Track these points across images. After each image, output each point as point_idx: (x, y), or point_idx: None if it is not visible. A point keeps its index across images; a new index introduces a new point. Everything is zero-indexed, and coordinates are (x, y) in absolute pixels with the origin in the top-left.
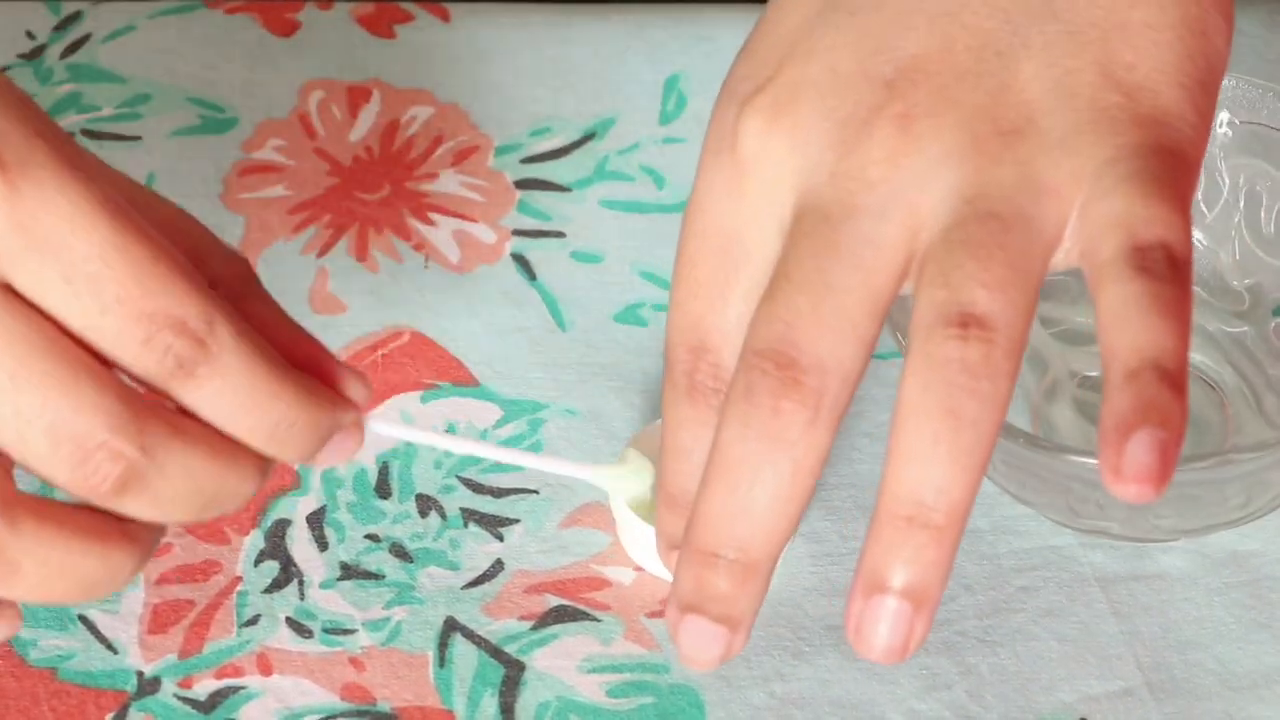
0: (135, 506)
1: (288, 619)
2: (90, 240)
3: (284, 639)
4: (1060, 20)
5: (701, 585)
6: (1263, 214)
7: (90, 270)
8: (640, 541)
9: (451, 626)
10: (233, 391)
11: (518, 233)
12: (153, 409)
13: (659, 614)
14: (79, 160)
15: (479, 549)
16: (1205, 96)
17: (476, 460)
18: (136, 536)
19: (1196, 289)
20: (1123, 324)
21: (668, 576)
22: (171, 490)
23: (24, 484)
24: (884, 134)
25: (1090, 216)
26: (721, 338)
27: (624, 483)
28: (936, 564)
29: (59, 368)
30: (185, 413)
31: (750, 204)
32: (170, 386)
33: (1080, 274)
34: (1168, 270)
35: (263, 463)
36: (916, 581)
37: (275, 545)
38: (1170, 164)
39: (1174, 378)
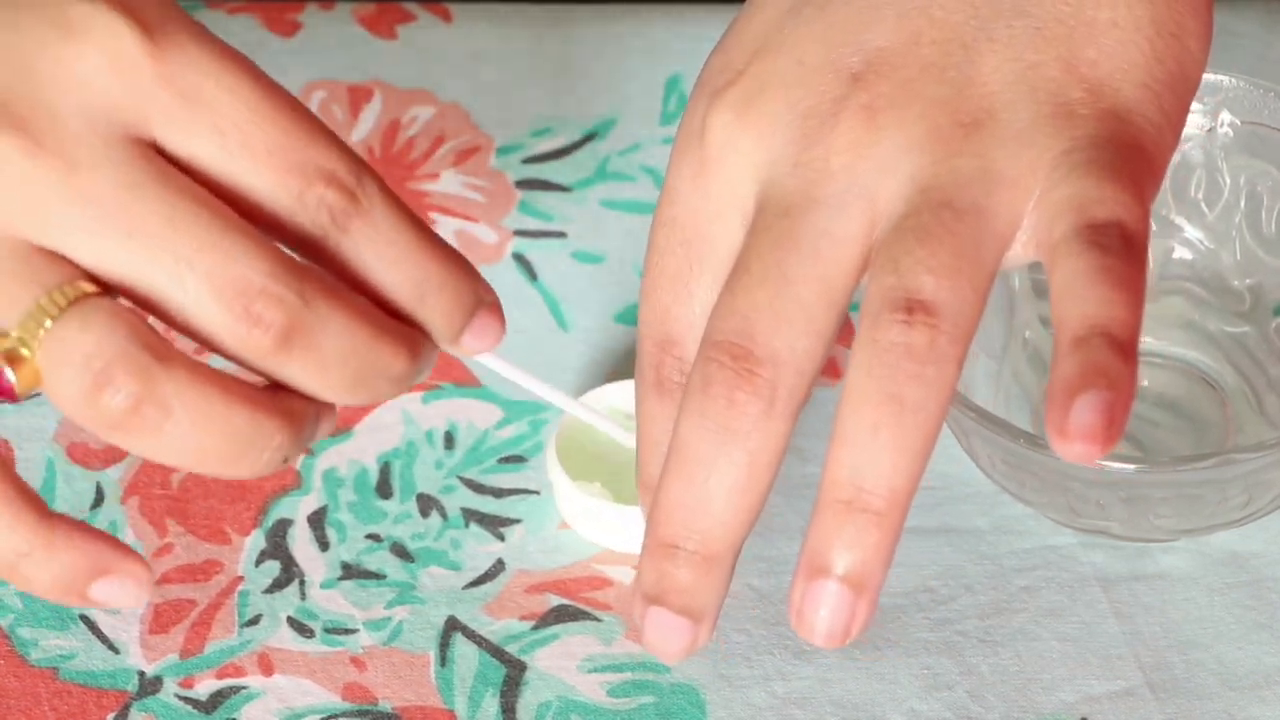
0: (296, 367)
1: (289, 619)
2: (238, 94)
3: (285, 639)
4: (1027, 16)
5: (663, 577)
6: (1263, 214)
7: (241, 122)
8: (569, 498)
9: (453, 626)
10: (385, 246)
11: (519, 233)
12: (308, 267)
13: None
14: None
15: (480, 549)
16: (1173, 98)
17: (479, 460)
18: (290, 410)
19: (1196, 288)
20: (1072, 296)
21: (594, 537)
22: (332, 349)
23: None
24: (847, 125)
25: (1045, 204)
26: (687, 330)
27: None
28: (877, 549)
29: (214, 215)
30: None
31: (715, 196)
32: (325, 241)
33: None
34: (1120, 245)
35: (413, 341)
36: (857, 566)
37: (276, 545)
38: (1128, 155)
39: (1123, 344)
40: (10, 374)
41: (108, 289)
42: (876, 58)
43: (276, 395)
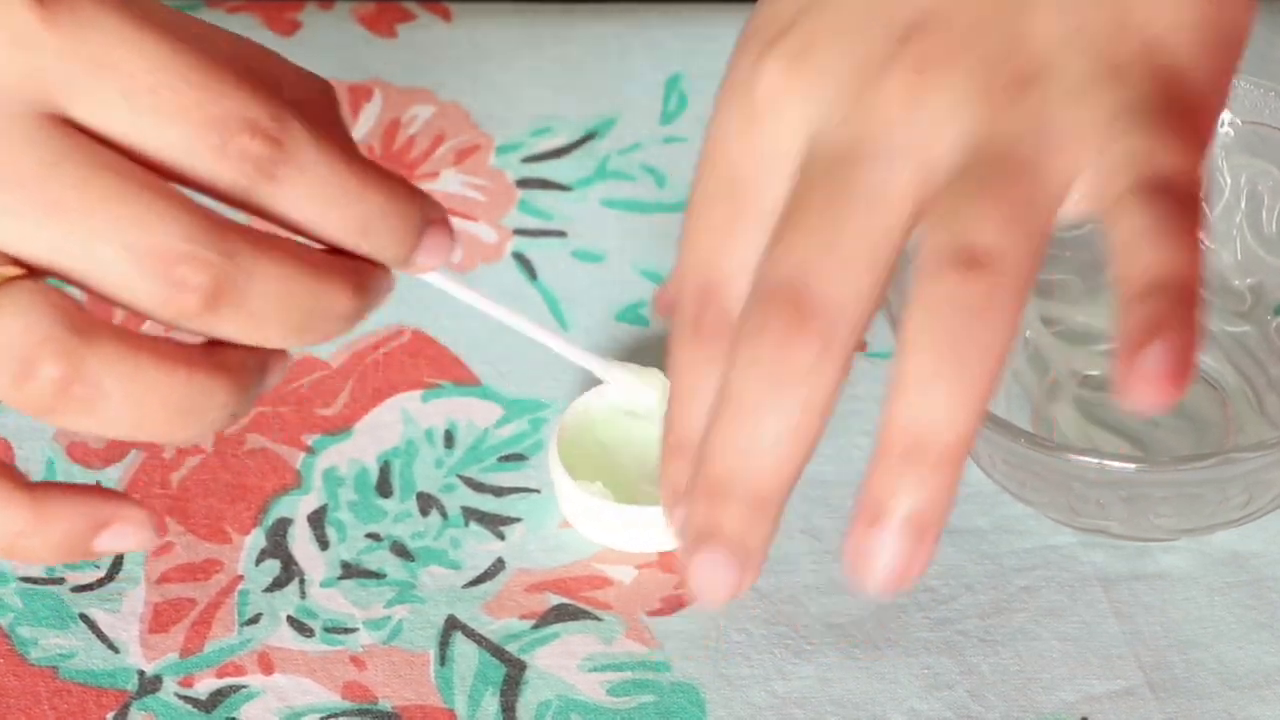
0: (230, 325)
1: (289, 618)
2: (141, 52)
3: (285, 638)
4: None
5: (712, 520)
6: (1264, 214)
7: (148, 82)
8: (570, 497)
9: (452, 625)
10: (319, 187)
11: (519, 232)
12: (232, 223)
13: (660, 612)
14: None
15: (480, 548)
16: (1223, 59)
17: (479, 459)
18: (230, 365)
19: None
20: (1133, 253)
21: (595, 536)
22: (265, 301)
23: None
24: (897, 81)
25: (1101, 161)
26: (729, 279)
27: (633, 388)
28: (937, 496)
29: (129, 184)
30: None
31: (763, 147)
32: (252, 194)
33: (1081, 273)
34: (1177, 200)
35: (358, 275)
36: (917, 513)
37: (276, 544)
38: (1181, 112)
39: (1186, 295)
40: None
41: (34, 271)
42: (928, 12)
43: (214, 352)
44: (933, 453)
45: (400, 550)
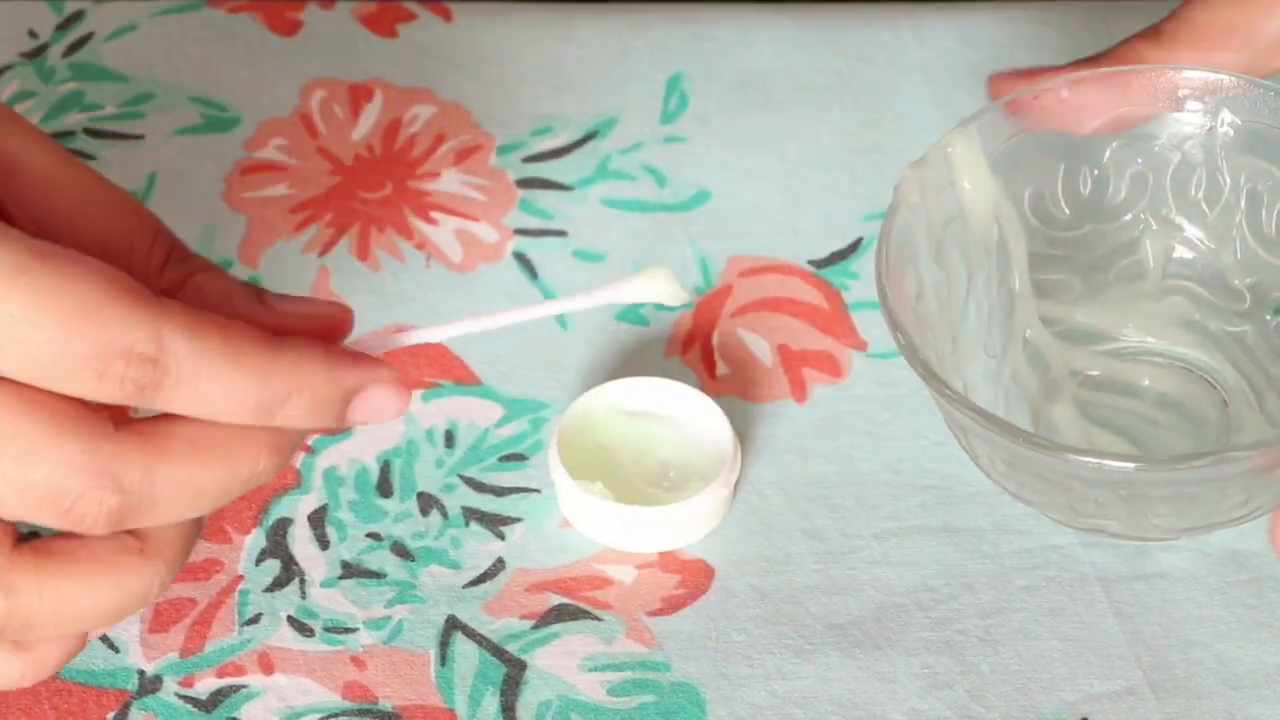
0: (145, 525)
1: (289, 618)
2: (4, 309)
3: (285, 638)
4: None
5: None
6: (1264, 214)
7: (16, 336)
8: (570, 497)
9: (453, 625)
10: (210, 388)
11: (519, 232)
12: (127, 438)
13: (660, 612)
14: None
15: (480, 548)
16: None
17: (479, 459)
18: (158, 551)
19: (1197, 288)
20: None
21: (595, 536)
22: (172, 506)
23: None
24: None
25: None
26: None
27: (650, 289)
28: None
29: (16, 430)
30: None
31: None
32: (145, 405)
33: (1082, 273)
34: None
35: (276, 437)
36: None
37: (276, 544)
38: None
39: None
40: None
41: None
42: None
43: (141, 541)
44: None
45: (400, 550)
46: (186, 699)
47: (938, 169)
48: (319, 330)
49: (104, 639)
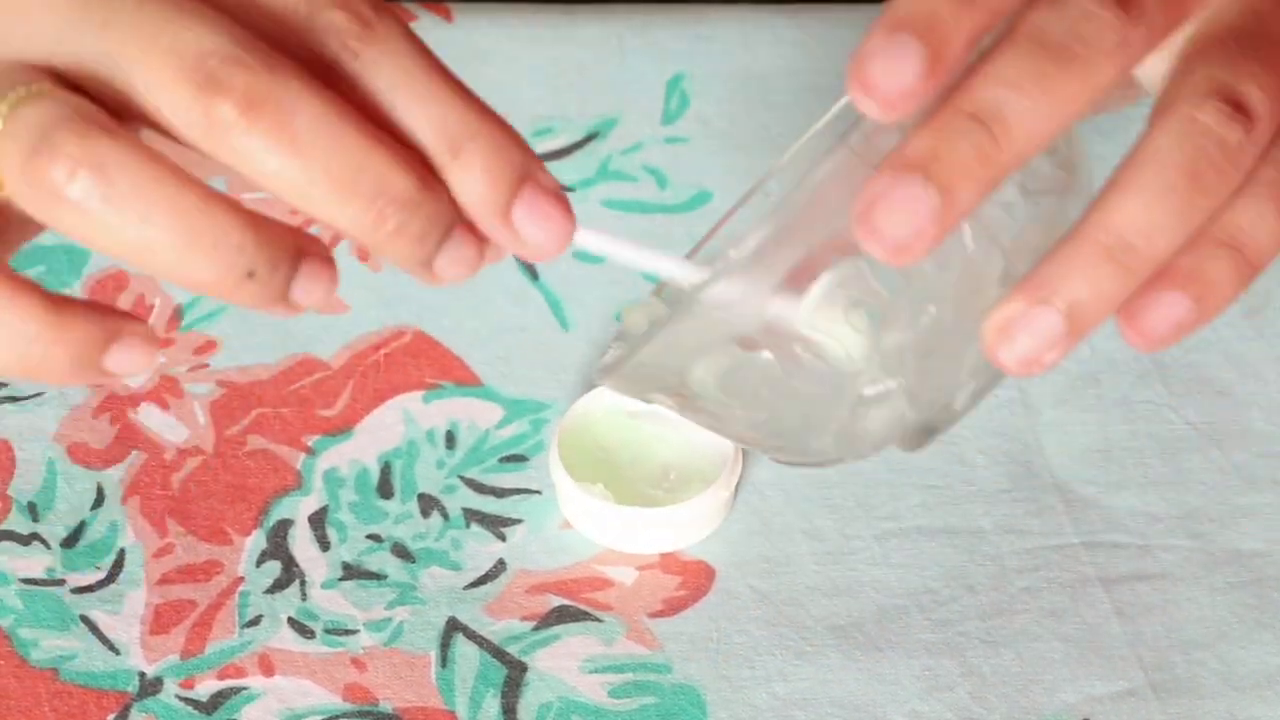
0: (265, 143)
1: (290, 619)
2: None
3: (286, 639)
4: None
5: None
6: None
7: None
8: (571, 498)
9: (453, 627)
10: (403, 77)
11: None
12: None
13: (661, 614)
14: None
15: (481, 549)
16: None
17: (480, 460)
18: (257, 219)
19: None
20: None
21: (596, 537)
22: (306, 130)
23: None
24: None
25: None
26: None
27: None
28: (1109, 299)
29: (188, 3)
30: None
31: None
32: (337, 64)
33: None
34: None
35: (422, 167)
36: (1083, 304)
37: (277, 545)
38: None
39: None
40: None
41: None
42: None
43: (240, 204)
44: (1131, 261)
45: (401, 551)
46: (187, 701)
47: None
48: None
49: (104, 641)
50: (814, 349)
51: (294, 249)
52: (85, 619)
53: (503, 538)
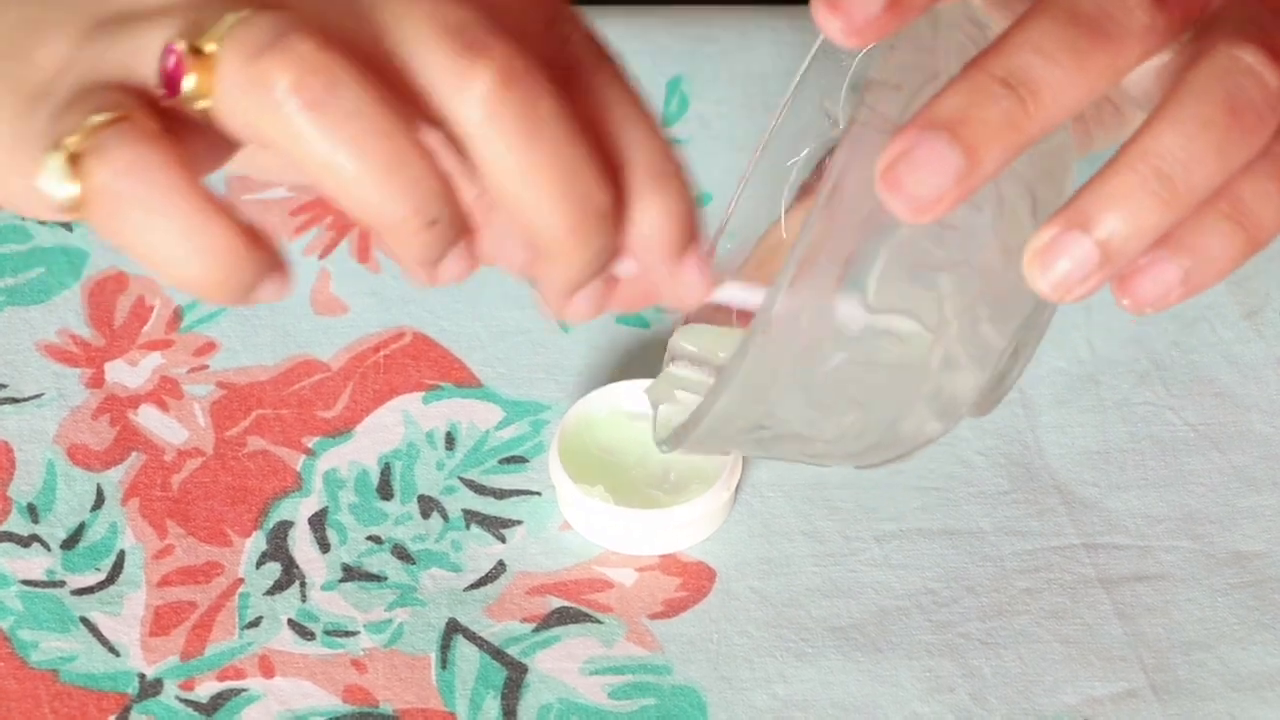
0: (508, 118)
1: (290, 621)
2: None
3: (286, 641)
4: None
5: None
6: None
7: None
8: (571, 500)
9: (453, 628)
10: (628, 106)
11: None
12: None
13: (661, 615)
14: None
15: (481, 550)
16: None
17: (480, 461)
18: (446, 179)
19: None
20: None
21: (596, 539)
22: (545, 116)
23: None
24: None
25: None
26: None
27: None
28: (1147, 231)
29: None
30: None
31: None
32: (577, 68)
33: None
34: None
35: (618, 188)
36: (1120, 234)
37: (277, 547)
38: None
39: None
40: (186, 56)
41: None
42: None
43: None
44: (1172, 189)
45: (401, 553)
46: (187, 702)
47: None
48: None
49: (104, 642)
50: (888, 331)
51: (465, 218)
52: (85, 620)
53: (503, 539)
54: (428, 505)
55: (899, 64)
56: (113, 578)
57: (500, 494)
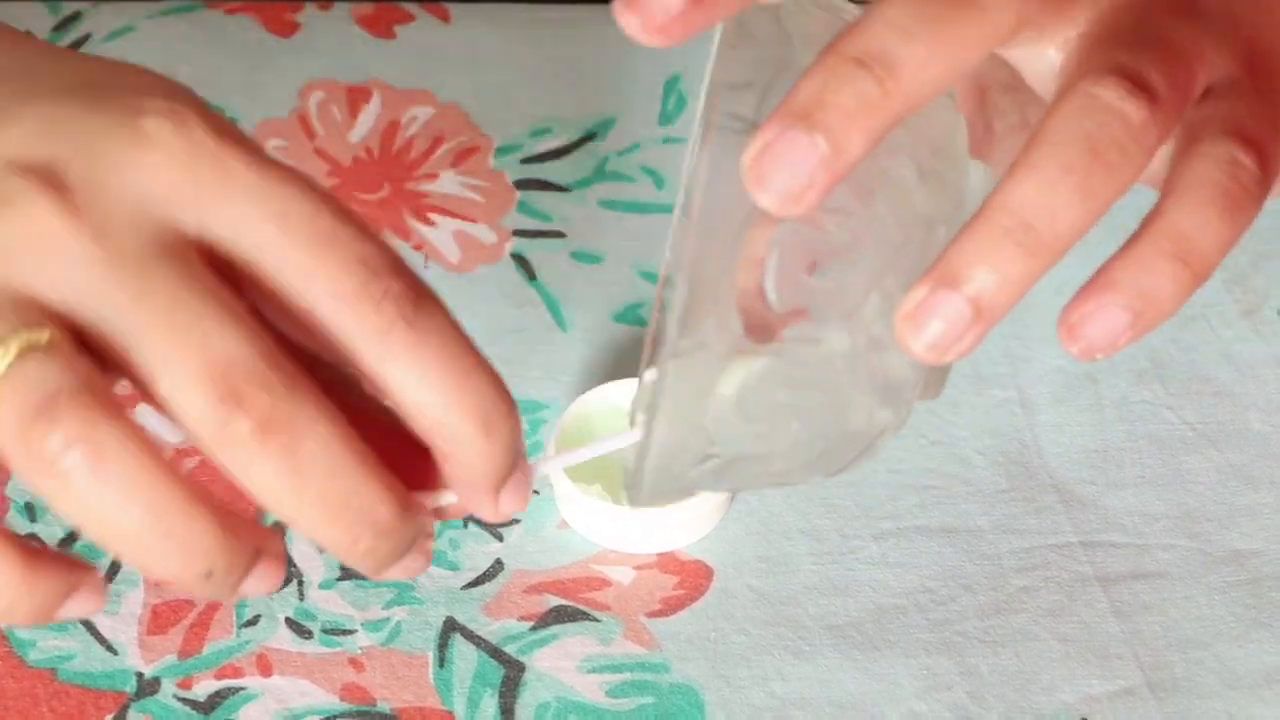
0: (270, 464)
1: (287, 619)
2: (303, 194)
3: (283, 639)
4: None
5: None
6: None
7: (305, 212)
8: (569, 498)
9: (451, 627)
10: (447, 354)
11: (518, 233)
12: (307, 375)
13: (659, 613)
14: None
15: (479, 549)
16: None
17: None
18: (231, 522)
19: None
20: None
21: (594, 537)
22: (311, 456)
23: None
24: None
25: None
26: None
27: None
28: (1016, 282)
29: (226, 306)
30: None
31: None
32: (388, 333)
33: None
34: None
35: (404, 494)
36: (989, 290)
37: None
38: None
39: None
40: None
41: (76, 338)
42: None
43: (223, 506)
44: (1032, 241)
45: None
46: (185, 701)
47: None
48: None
49: (102, 641)
50: (802, 328)
51: (254, 550)
52: (83, 619)
53: (500, 537)
54: None
55: (742, 60)
56: (110, 576)
57: None
